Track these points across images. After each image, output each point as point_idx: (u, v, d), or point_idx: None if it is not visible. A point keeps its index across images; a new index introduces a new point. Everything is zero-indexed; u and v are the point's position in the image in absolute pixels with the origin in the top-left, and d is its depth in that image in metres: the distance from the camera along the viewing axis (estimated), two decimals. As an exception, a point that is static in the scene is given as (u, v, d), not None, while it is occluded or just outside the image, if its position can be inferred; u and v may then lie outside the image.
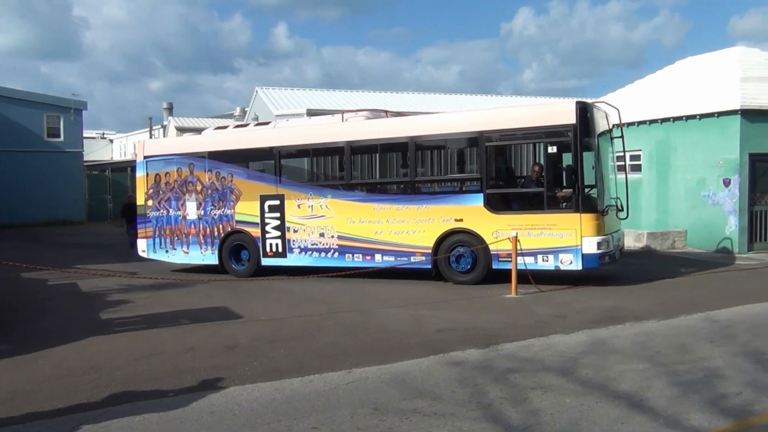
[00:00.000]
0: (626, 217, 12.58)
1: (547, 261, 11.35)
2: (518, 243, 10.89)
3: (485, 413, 5.22)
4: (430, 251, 12.21)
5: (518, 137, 12.40)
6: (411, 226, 12.40)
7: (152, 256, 15.26)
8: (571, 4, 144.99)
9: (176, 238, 14.87)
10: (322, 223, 13.20)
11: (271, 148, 13.80)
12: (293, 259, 13.54)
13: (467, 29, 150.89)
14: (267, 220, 13.71)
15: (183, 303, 10.90)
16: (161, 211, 15.00)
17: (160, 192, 15.00)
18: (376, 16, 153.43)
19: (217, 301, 11.09)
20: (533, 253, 11.33)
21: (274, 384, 6.16)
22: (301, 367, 6.71)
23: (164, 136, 45.30)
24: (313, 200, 13.29)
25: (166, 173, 14.91)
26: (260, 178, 14.08)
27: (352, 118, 13.51)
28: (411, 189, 12.81)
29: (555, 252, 11.24)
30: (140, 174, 15.38)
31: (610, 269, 12.64)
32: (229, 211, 14.15)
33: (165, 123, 47.59)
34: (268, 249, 13.72)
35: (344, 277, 12.32)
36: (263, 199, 13.76)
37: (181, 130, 42.84)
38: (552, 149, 11.39)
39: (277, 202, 13.61)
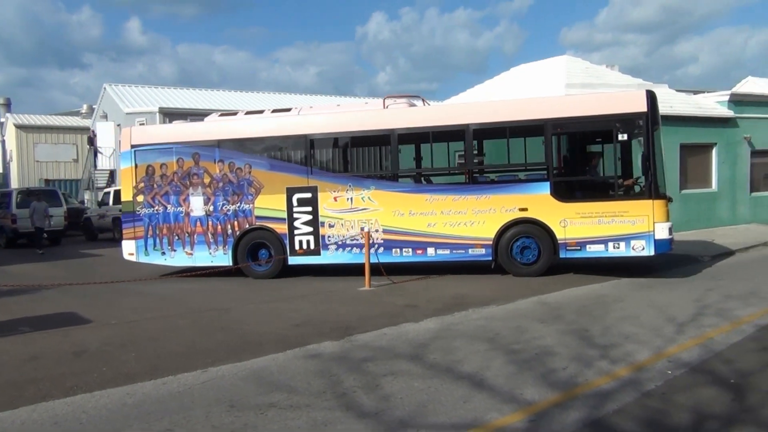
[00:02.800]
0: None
1: (618, 248, 11.32)
2: (585, 231, 11.31)
3: (340, 402, 5.44)
4: (490, 243, 11.84)
5: (586, 125, 11.87)
6: (469, 217, 11.91)
7: (143, 259, 13.49)
8: (422, 11, 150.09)
9: (176, 237, 13.25)
10: (363, 217, 12.34)
11: (303, 136, 12.69)
12: (329, 257, 12.58)
13: (324, 31, 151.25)
14: (296, 215, 12.61)
15: (26, 310, 10.19)
16: (156, 207, 13.30)
17: (155, 186, 13.30)
18: (233, 15, 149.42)
19: (64, 306, 10.46)
20: (603, 241, 11.33)
21: (125, 389, 5.99)
22: (155, 369, 6.57)
23: (1, 135, 41.36)
24: (352, 192, 12.39)
25: (162, 164, 13.24)
26: (286, 168, 12.82)
27: (393, 105, 12.82)
28: (468, 178, 12.41)
29: (627, 239, 11.24)
30: (126, 165, 13.55)
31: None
32: (247, 206, 12.87)
33: (2, 120, 43.32)
34: (297, 246, 12.61)
35: (204, 277, 12.08)
36: (291, 191, 12.63)
37: (21, 128, 39.39)
38: (623, 137, 11.39)
39: (308, 195, 12.55)
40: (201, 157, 13.04)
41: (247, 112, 13.96)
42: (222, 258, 12.97)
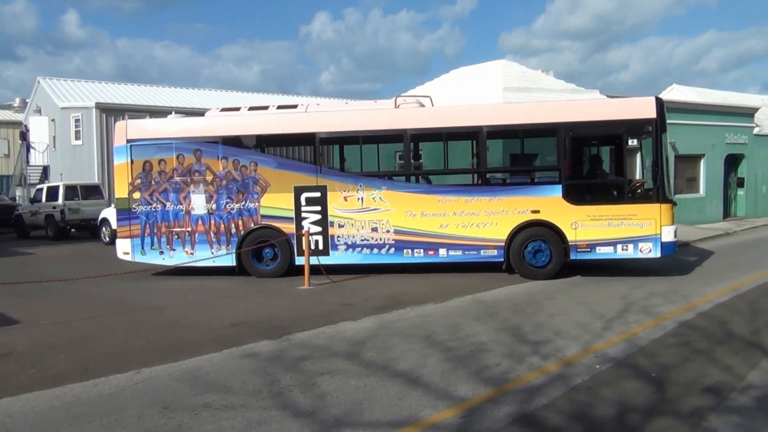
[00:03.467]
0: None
1: (626, 250, 11.59)
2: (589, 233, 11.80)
3: (275, 401, 5.45)
4: (503, 244, 11.90)
5: (598, 129, 12.11)
6: (482, 219, 11.94)
7: (140, 258, 12.90)
8: (366, 12, 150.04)
9: (176, 236, 12.77)
10: (375, 217, 12.23)
11: (313, 135, 12.45)
12: (338, 257, 12.39)
13: (267, 30, 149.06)
14: (304, 214, 12.37)
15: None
16: (154, 205, 12.78)
17: (153, 182, 12.78)
18: (175, 11, 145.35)
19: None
20: (612, 243, 11.57)
21: (54, 391, 5.83)
22: (86, 371, 6.41)
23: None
24: (363, 192, 12.25)
25: (161, 160, 12.73)
26: (295, 167, 12.72)
27: (404, 105, 12.73)
28: (482, 180, 12.45)
29: (635, 241, 11.53)
30: (121, 161, 12.92)
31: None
32: (252, 205, 12.55)
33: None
34: (305, 246, 12.23)
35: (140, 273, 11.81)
36: (299, 190, 12.40)
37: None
38: (633, 142, 11.71)
39: (317, 194, 12.34)
40: (203, 154, 12.68)
41: (250, 108, 13.53)
42: (225, 258, 12.67)
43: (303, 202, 12.37)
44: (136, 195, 12.83)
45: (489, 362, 6.50)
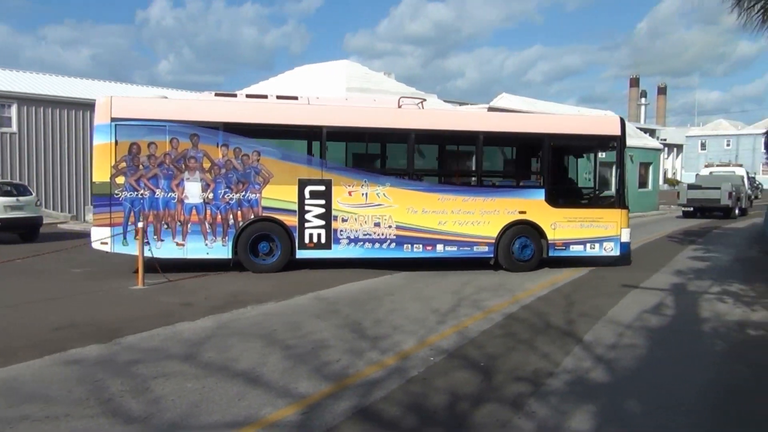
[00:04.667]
0: None
1: (594, 248, 13.11)
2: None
3: (104, 409, 5.13)
4: (493, 241, 12.77)
5: (574, 142, 13.71)
6: (476, 217, 12.70)
7: (121, 249, 11.72)
8: (208, 2, 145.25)
9: (165, 226, 11.82)
10: (378, 212, 12.43)
11: (319, 128, 12.29)
12: (340, 251, 12.37)
13: (99, 11, 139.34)
14: (307, 208, 12.20)
15: None
16: (141, 191, 11.71)
17: (140, 167, 11.69)
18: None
19: None
20: (583, 242, 13.04)
21: None
22: None
23: None
24: (368, 187, 12.40)
25: (151, 143, 11.72)
26: (300, 159, 12.44)
27: (408, 106, 13.12)
28: (477, 181, 13.18)
29: (600, 241, 13.08)
30: (103, 141, 11.62)
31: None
32: (253, 196, 12.07)
33: None
34: (306, 240, 12.21)
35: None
36: (303, 183, 12.20)
37: None
38: (602, 155, 13.60)
39: (321, 188, 12.24)
40: (200, 140, 11.93)
41: (248, 96, 12.98)
42: (221, 250, 12.07)
43: (307, 195, 12.29)
44: (120, 179, 11.71)
45: (329, 358, 6.59)
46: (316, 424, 4.87)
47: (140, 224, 11.13)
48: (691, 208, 31.23)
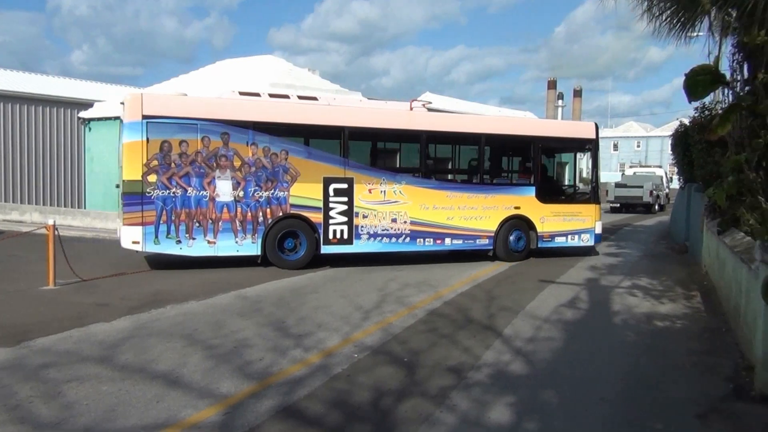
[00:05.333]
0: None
1: (573, 240, 14.73)
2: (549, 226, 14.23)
3: (12, 416, 4.88)
4: (493, 234, 13.99)
5: (558, 144, 15.51)
6: (479, 212, 13.86)
7: (152, 248, 11.72)
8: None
9: (197, 224, 11.88)
10: (395, 209, 13.18)
11: (342, 128, 12.79)
12: (360, 246, 13.01)
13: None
14: (331, 205, 12.69)
15: None
16: (174, 189, 11.69)
17: (172, 165, 11.65)
18: None
19: None
20: (565, 234, 14.61)
21: None
22: None
23: None
24: (386, 185, 13.10)
25: (182, 141, 11.72)
26: (325, 158, 12.80)
27: (419, 108, 13.97)
28: (480, 179, 14.44)
29: (579, 232, 14.75)
30: (134, 139, 11.44)
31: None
32: (281, 194, 12.40)
33: None
34: (330, 236, 12.71)
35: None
36: (328, 181, 12.67)
37: None
38: (581, 156, 15.78)
39: (344, 186, 12.76)
40: (231, 138, 12.05)
41: (270, 95, 13.11)
42: (250, 247, 12.32)
43: (331, 192, 12.76)
44: (152, 178, 11.58)
45: (252, 357, 6.51)
46: (239, 424, 4.80)
47: (52, 221, 10.62)
48: (618, 204, 34.52)
